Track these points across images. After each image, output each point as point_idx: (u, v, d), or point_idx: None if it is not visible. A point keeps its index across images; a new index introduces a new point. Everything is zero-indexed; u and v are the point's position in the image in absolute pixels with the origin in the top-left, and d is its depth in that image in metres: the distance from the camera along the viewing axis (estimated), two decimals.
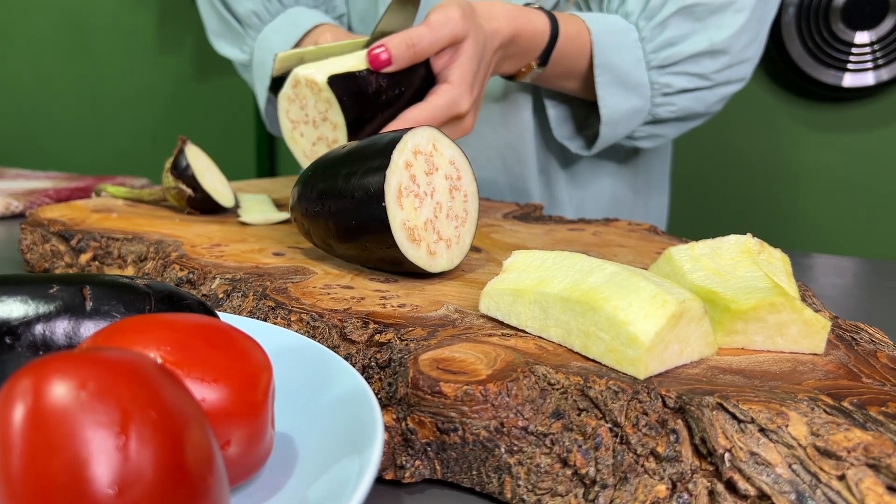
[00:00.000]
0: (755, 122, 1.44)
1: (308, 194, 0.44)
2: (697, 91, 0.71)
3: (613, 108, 0.70)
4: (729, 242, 0.38)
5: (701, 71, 0.69)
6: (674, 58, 0.69)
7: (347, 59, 0.54)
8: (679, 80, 0.70)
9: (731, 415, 0.25)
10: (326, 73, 0.52)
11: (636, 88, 0.70)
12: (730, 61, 0.70)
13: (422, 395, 0.28)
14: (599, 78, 0.68)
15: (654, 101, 0.71)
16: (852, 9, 1.32)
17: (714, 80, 0.70)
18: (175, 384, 0.19)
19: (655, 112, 0.72)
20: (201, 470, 0.19)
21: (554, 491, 0.27)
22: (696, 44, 0.68)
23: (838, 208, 1.42)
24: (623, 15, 0.70)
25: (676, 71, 0.70)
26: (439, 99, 0.55)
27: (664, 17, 0.68)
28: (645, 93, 0.70)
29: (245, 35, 0.82)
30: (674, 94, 0.71)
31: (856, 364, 0.31)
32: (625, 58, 0.68)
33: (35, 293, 0.27)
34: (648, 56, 0.69)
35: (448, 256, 0.43)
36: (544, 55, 0.66)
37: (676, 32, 0.68)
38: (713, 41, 0.68)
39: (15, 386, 0.18)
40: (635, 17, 0.69)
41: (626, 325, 0.28)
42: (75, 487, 0.17)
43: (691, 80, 0.70)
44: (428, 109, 0.54)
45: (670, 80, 0.70)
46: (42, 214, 0.58)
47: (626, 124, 0.72)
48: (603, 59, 0.67)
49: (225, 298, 0.40)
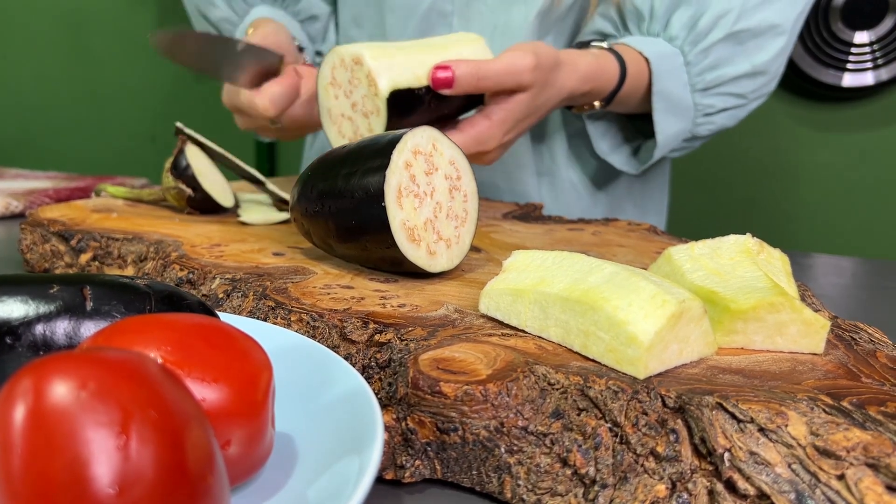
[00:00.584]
0: (755, 122, 1.44)
1: (308, 194, 0.44)
2: (734, 109, 0.72)
3: (667, 133, 0.71)
4: (728, 242, 0.38)
5: (740, 91, 0.71)
6: (717, 81, 0.70)
7: (409, 62, 0.54)
8: (720, 101, 0.71)
9: (731, 414, 0.25)
10: (390, 84, 0.52)
11: (683, 111, 0.71)
12: (766, 80, 0.71)
13: (422, 394, 0.28)
14: (657, 104, 0.69)
15: (695, 122, 0.72)
16: (852, 9, 1.32)
17: (749, 99, 0.72)
18: (175, 384, 0.20)
19: (696, 131, 0.73)
20: (202, 470, 0.19)
21: (554, 491, 0.27)
22: (739, 67, 0.69)
23: (838, 208, 1.42)
24: (667, 39, 0.70)
25: (718, 92, 0.71)
26: (472, 130, 0.56)
27: (710, 44, 0.68)
28: (689, 115, 0.71)
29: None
30: (714, 114, 0.72)
31: (855, 364, 0.31)
32: (676, 83, 0.69)
33: (35, 293, 0.27)
34: (693, 79, 0.70)
35: (448, 256, 0.43)
36: (609, 97, 0.67)
37: (719, 55, 0.69)
38: (755, 64, 0.69)
39: (16, 386, 0.18)
40: (680, 41, 0.69)
41: (626, 325, 0.28)
42: (76, 487, 0.17)
43: (730, 100, 0.71)
44: (458, 139, 0.55)
45: (713, 102, 0.71)
46: (42, 214, 0.58)
47: (672, 143, 0.74)
48: (660, 87, 0.68)
49: (225, 298, 0.40)
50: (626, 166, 0.78)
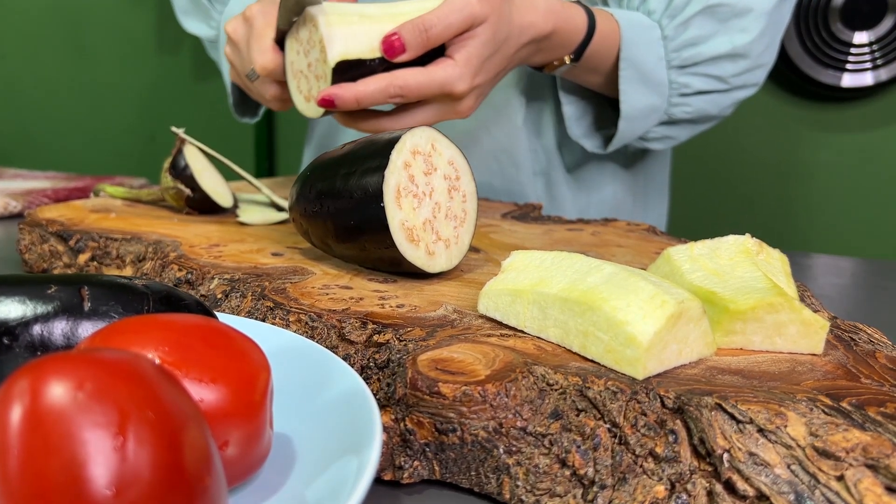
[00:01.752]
0: (754, 121, 1.44)
1: (307, 194, 0.44)
2: (714, 94, 0.71)
3: (633, 105, 0.69)
4: (727, 243, 0.38)
5: (720, 74, 0.69)
6: (695, 58, 0.69)
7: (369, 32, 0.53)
8: (697, 82, 0.70)
9: (730, 415, 0.25)
10: (339, 54, 0.51)
11: (656, 87, 0.69)
12: (748, 66, 0.70)
13: (420, 395, 0.28)
14: (624, 72, 0.68)
15: (670, 101, 0.71)
16: (851, 9, 1.32)
17: (731, 84, 0.71)
18: (173, 385, 0.19)
19: (671, 112, 0.72)
20: (199, 470, 0.18)
21: (552, 491, 0.27)
22: (719, 46, 0.68)
23: (837, 208, 1.42)
24: (645, 12, 0.70)
25: (696, 72, 0.70)
26: (437, 72, 0.53)
27: (687, 17, 0.67)
28: (663, 91, 0.70)
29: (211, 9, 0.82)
30: (691, 94, 0.71)
31: (854, 364, 0.31)
32: (648, 55, 0.68)
33: (33, 293, 0.27)
34: (670, 55, 0.69)
35: (447, 256, 0.43)
36: (579, 50, 0.65)
37: (699, 33, 0.68)
38: (735, 45, 0.68)
39: (13, 386, 0.18)
40: (658, 14, 0.69)
41: (625, 326, 0.28)
42: (73, 488, 0.17)
43: (709, 83, 0.70)
44: (420, 75, 0.53)
45: (689, 81, 0.70)
46: (40, 214, 0.58)
47: (643, 122, 0.72)
48: (628, 53, 0.67)
49: (223, 299, 0.40)
50: (598, 149, 0.77)
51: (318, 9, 0.53)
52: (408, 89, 0.52)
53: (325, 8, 0.53)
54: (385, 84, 0.52)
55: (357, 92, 0.52)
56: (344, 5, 0.54)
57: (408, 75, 0.52)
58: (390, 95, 0.52)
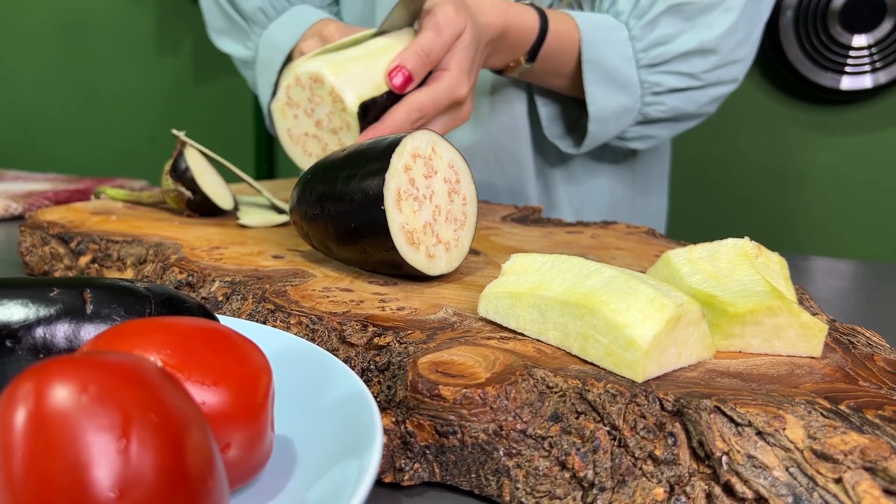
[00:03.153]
0: (753, 124, 1.45)
1: (307, 197, 0.44)
2: (688, 91, 0.71)
3: (602, 106, 0.70)
4: (726, 246, 0.38)
5: (691, 70, 0.70)
6: (663, 56, 0.69)
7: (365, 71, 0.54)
8: (669, 80, 0.70)
9: (729, 418, 0.25)
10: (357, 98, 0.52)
11: (625, 87, 0.70)
12: (720, 61, 0.70)
13: (420, 398, 0.28)
14: (587, 75, 0.68)
15: (644, 101, 0.71)
16: (850, 12, 1.33)
17: (704, 80, 0.71)
18: (175, 387, 0.20)
19: (646, 112, 0.72)
20: (202, 473, 0.19)
21: (552, 494, 0.27)
22: (686, 42, 0.68)
23: (836, 211, 1.42)
24: (614, 14, 0.70)
25: (666, 70, 0.70)
26: (441, 84, 0.55)
27: (654, 16, 0.68)
28: (634, 92, 0.70)
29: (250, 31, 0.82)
30: (664, 93, 0.71)
31: (853, 367, 0.31)
32: (614, 55, 0.68)
33: (36, 296, 0.27)
34: (638, 55, 0.69)
35: (447, 259, 0.43)
36: (533, 50, 0.66)
37: (666, 31, 0.68)
38: (702, 40, 0.68)
39: (16, 390, 0.18)
40: (626, 16, 0.69)
41: (625, 329, 0.29)
42: (76, 491, 0.17)
43: (681, 80, 0.70)
44: (429, 92, 0.55)
45: (660, 79, 0.70)
46: (41, 217, 0.58)
47: (616, 123, 0.72)
48: (591, 55, 0.68)
49: (224, 301, 0.40)
50: (571, 149, 0.78)
51: (315, 64, 0.53)
52: (425, 109, 0.55)
53: (318, 63, 0.53)
54: (406, 112, 0.54)
55: (391, 128, 0.53)
56: (327, 57, 0.55)
57: (421, 97, 0.55)
58: (414, 121, 0.55)
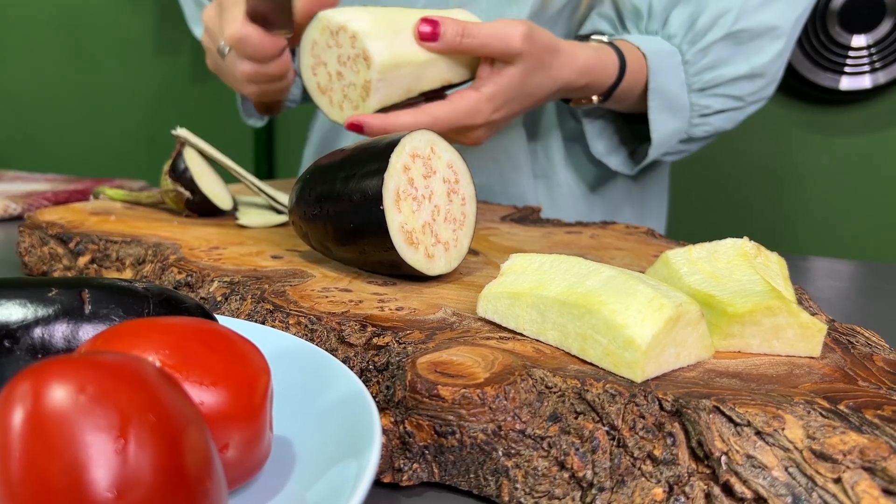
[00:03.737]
0: (752, 125, 1.44)
1: (306, 197, 0.44)
2: (731, 111, 0.72)
3: (662, 132, 0.70)
4: (726, 246, 0.38)
5: (738, 93, 0.70)
6: (715, 81, 0.69)
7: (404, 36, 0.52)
8: (717, 102, 0.71)
9: (728, 418, 0.25)
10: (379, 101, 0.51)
11: (680, 111, 0.70)
12: (765, 83, 0.71)
13: (419, 398, 0.28)
14: (652, 102, 0.68)
15: (691, 122, 0.72)
16: (849, 12, 1.33)
17: (746, 101, 0.71)
18: (173, 388, 0.20)
19: (692, 132, 0.73)
20: (200, 473, 0.19)
21: (551, 494, 0.27)
22: (737, 68, 0.69)
23: (835, 211, 1.42)
24: (665, 37, 0.70)
25: (716, 93, 0.70)
26: (461, 103, 0.54)
27: (709, 42, 0.68)
28: (685, 115, 0.71)
29: None
30: (710, 115, 0.72)
31: (852, 367, 0.31)
32: (672, 81, 0.68)
33: (34, 296, 0.27)
34: (690, 79, 0.69)
35: (446, 259, 0.43)
36: (608, 92, 0.66)
37: (718, 56, 0.68)
38: (753, 66, 0.68)
39: (14, 390, 0.18)
40: (678, 39, 0.69)
41: (624, 329, 0.29)
42: (74, 491, 0.17)
43: (727, 102, 0.71)
44: (447, 110, 0.54)
45: (709, 102, 0.70)
46: (40, 217, 0.58)
47: (667, 145, 0.73)
48: (656, 83, 0.68)
49: (223, 301, 0.40)
50: (623, 167, 0.78)
51: (366, 40, 0.51)
52: (438, 125, 0.54)
53: (370, 34, 0.51)
54: (414, 121, 0.53)
55: (387, 126, 0.52)
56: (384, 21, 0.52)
57: (434, 109, 0.54)
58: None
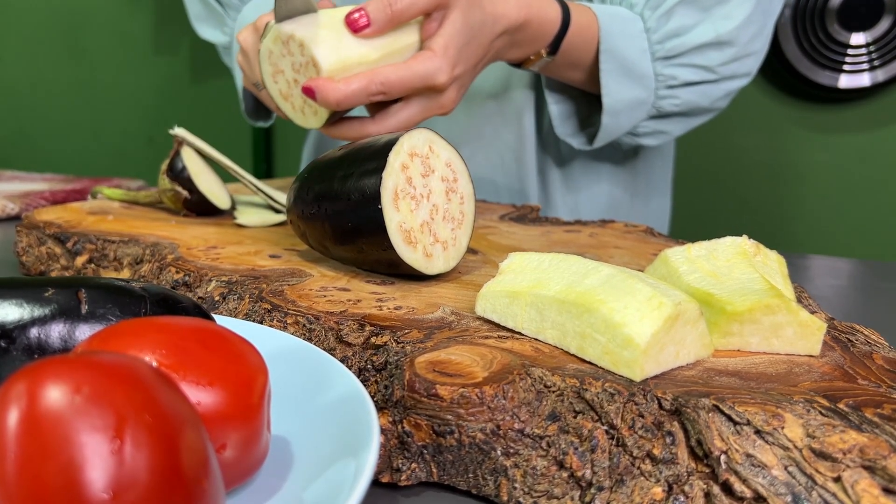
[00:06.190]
0: (751, 123, 1.45)
1: (304, 196, 0.44)
2: (702, 84, 0.70)
3: (616, 98, 0.68)
4: (725, 244, 0.38)
5: (706, 63, 0.68)
6: (679, 48, 0.68)
7: (337, 34, 0.52)
8: (684, 73, 0.69)
9: (727, 417, 0.25)
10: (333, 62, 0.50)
11: (640, 79, 0.68)
12: (736, 54, 0.69)
13: (418, 397, 0.28)
14: (604, 65, 0.67)
15: (658, 94, 0.70)
16: (848, 10, 1.33)
17: (719, 74, 0.69)
18: (170, 388, 0.19)
19: (660, 105, 0.71)
20: (197, 474, 0.18)
21: (550, 493, 0.27)
22: (702, 34, 0.67)
23: (834, 209, 1.42)
24: (627, 6, 0.69)
25: (682, 62, 0.68)
26: (417, 65, 0.52)
27: (669, 7, 0.67)
28: (649, 84, 0.69)
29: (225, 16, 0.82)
30: (679, 86, 0.70)
31: (851, 366, 0.31)
32: (630, 47, 0.67)
33: (30, 296, 0.26)
34: (654, 47, 0.68)
35: (444, 258, 0.43)
36: (554, 44, 0.64)
37: (682, 23, 0.67)
38: (719, 32, 0.67)
39: (10, 390, 0.18)
40: (640, 6, 0.68)
41: (622, 327, 0.28)
42: (70, 492, 0.17)
43: (696, 73, 0.69)
44: (402, 70, 0.51)
45: (675, 72, 0.69)
46: (38, 217, 0.58)
47: (629, 116, 0.71)
48: (608, 45, 0.66)
49: (221, 301, 0.40)
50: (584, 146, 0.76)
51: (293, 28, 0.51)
52: (389, 84, 0.51)
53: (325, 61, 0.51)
54: (366, 81, 0.50)
55: (343, 93, 0.50)
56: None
57: (388, 71, 0.51)
58: (372, 93, 0.51)
